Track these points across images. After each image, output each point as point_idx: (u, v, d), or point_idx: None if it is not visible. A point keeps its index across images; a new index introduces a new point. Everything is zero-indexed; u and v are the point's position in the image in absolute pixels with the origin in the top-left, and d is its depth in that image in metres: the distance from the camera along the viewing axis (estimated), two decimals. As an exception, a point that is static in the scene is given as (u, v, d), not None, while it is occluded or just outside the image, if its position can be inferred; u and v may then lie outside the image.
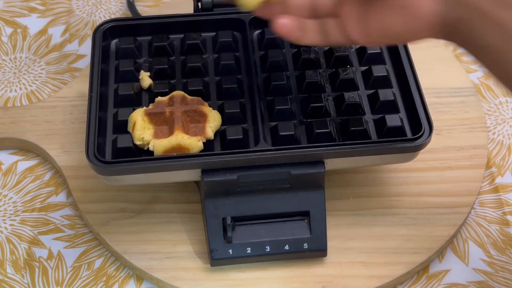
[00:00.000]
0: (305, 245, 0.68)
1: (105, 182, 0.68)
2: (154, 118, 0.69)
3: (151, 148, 0.68)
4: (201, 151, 0.68)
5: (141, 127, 0.69)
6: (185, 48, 0.77)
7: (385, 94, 0.72)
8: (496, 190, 0.77)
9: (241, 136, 0.69)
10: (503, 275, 0.71)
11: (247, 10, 0.63)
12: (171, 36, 0.78)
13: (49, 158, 0.79)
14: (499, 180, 0.78)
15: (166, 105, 0.70)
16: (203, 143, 0.69)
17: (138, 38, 0.78)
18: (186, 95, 0.71)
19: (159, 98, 0.72)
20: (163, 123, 0.69)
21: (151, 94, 0.74)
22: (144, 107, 0.71)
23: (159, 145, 0.68)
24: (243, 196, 0.68)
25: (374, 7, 0.58)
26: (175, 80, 0.75)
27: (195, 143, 0.68)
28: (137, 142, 0.69)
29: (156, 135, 0.69)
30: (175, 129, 0.68)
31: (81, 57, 0.91)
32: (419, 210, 0.74)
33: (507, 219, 0.75)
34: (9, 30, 0.94)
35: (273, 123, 0.70)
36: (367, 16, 0.59)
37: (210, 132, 0.69)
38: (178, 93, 0.71)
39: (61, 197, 0.77)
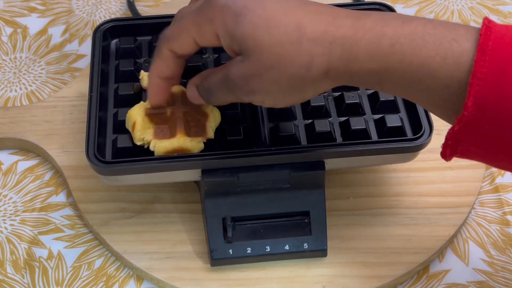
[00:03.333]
0: (305, 245, 0.68)
1: (105, 182, 0.68)
2: (155, 117, 0.69)
3: (151, 148, 0.68)
4: (202, 151, 0.68)
5: (142, 127, 0.69)
6: (185, 48, 0.77)
7: (385, 94, 0.72)
8: (496, 190, 0.77)
9: (241, 136, 0.69)
10: (503, 275, 0.71)
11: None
12: (171, 36, 0.78)
13: (49, 158, 0.79)
14: (499, 180, 0.78)
15: (167, 105, 0.70)
16: (204, 143, 0.69)
17: (138, 38, 0.78)
18: (185, 89, 0.71)
19: (159, 98, 0.71)
20: (164, 122, 0.69)
21: (151, 94, 0.74)
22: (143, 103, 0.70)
23: (160, 146, 0.67)
24: (243, 196, 0.68)
25: None
26: (175, 80, 0.75)
27: (196, 145, 0.68)
28: (138, 143, 0.68)
29: (157, 135, 0.68)
30: (177, 132, 0.67)
31: (81, 57, 0.91)
32: (419, 210, 0.74)
33: (507, 219, 0.75)
34: (9, 30, 0.94)
35: (273, 123, 0.70)
36: None
37: (211, 132, 0.69)
38: (177, 88, 0.71)
39: (61, 197, 0.77)
